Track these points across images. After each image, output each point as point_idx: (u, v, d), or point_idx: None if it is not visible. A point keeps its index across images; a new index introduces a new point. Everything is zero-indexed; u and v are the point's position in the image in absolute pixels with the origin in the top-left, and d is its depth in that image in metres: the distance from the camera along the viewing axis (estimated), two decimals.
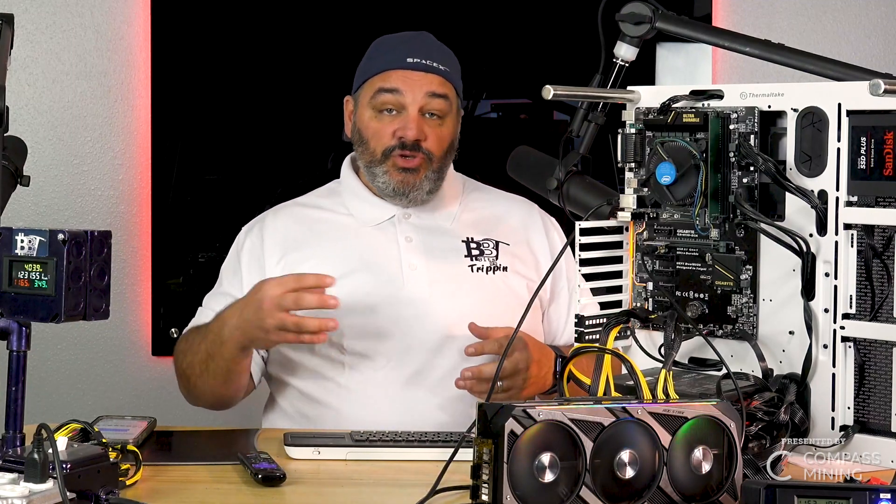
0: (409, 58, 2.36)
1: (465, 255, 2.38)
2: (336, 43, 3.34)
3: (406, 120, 2.34)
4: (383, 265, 2.36)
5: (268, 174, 3.37)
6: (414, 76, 2.35)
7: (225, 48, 3.37)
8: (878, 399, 1.67)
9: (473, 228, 2.43)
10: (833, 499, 1.47)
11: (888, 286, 1.65)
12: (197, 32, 3.35)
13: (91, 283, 1.56)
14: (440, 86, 2.36)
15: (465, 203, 2.47)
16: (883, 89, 1.56)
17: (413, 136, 2.33)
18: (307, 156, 3.37)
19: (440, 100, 2.35)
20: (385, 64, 2.37)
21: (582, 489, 1.49)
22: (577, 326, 1.79)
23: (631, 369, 1.58)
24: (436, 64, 2.37)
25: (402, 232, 2.39)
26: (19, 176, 1.95)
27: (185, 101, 3.34)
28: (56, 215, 3.31)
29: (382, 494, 1.78)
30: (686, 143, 1.74)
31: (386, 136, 2.35)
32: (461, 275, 2.36)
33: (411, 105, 2.34)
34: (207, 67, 3.37)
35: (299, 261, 2.36)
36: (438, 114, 2.36)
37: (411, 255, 2.37)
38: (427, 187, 2.37)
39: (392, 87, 2.35)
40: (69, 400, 3.32)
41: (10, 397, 1.58)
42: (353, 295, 2.29)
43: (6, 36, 1.84)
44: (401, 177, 2.35)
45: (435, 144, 2.35)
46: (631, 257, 1.87)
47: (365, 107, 2.38)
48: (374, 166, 2.38)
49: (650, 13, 1.97)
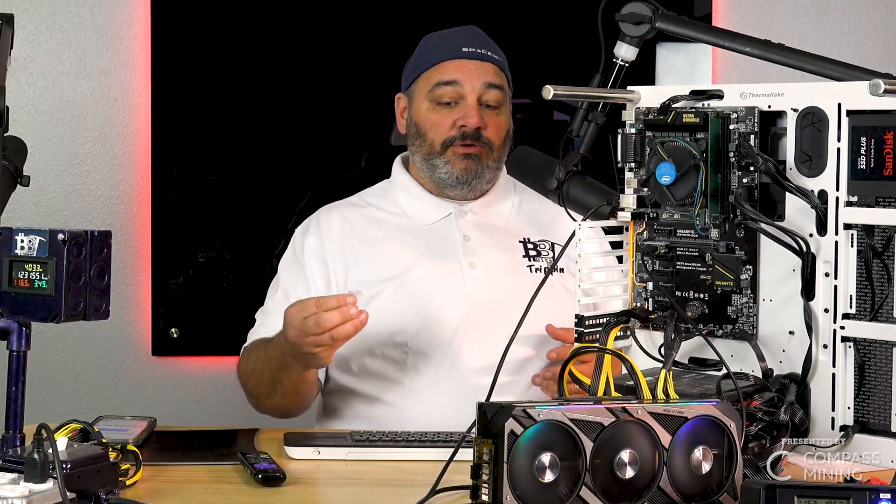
0: (465, 47, 2.38)
1: (522, 255, 2.38)
2: (336, 43, 3.34)
3: (466, 109, 2.35)
4: (444, 263, 2.35)
5: (268, 174, 3.37)
6: (470, 66, 2.36)
7: (225, 48, 3.37)
8: (878, 399, 1.67)
9: (529, 229, 2.43)
10: (833, 499, 1.47)
11: (888, 286, 1.65)
12: (197, 32, 3.35)
13: (91, 283, 1.56)
14: (496, 75, 2.38)
15: (518, 203, 2.47)
16: (883, 89, 1.56)
17: (475, 124, 2.34)
18: (307, 156, 3.37)
19: (496, 90, 2.37)
20: (440, 56, 2.38)
21: (582, 489, 1.49)
22: (577, 326, 1.79)
23: (631, 369, 1.58)
24: (490, 53, 2.39)
25: (461, 230, 2.39)
26: (19, 176, 1.95)
27: (185, 101, 3.34)
28: (56, 215, 3.31)
29: (382, 494, 1.78)
30: (686, 143, 1.74)
31: (445, 127, 2.36)
32: (521, 274, 2.36)
33: (470, 95, 2.35)
34: (207, 67, 3.36)
35: (356, 262, 2.36)
36: (495, 104, 2.37)
37: (471, 253, 2.36)
38: (488, 176, 2.38)
39: (450, 78, 2.36)
40: (69, 400, 3.32)
41: (10, 397, 1.58)
42: (415, 293, 2.29)
43: (6, 36, 1.84)
44: (464, 164, 2.35)
45: (494, 133, 2.37)
46: (631, 257, 1.87)
47: (422, 100, 2.39)
48: (433, 158, 2.37)
49: (650, 13, 1.97)
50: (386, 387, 2.32)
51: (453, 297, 2.32)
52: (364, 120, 3.30)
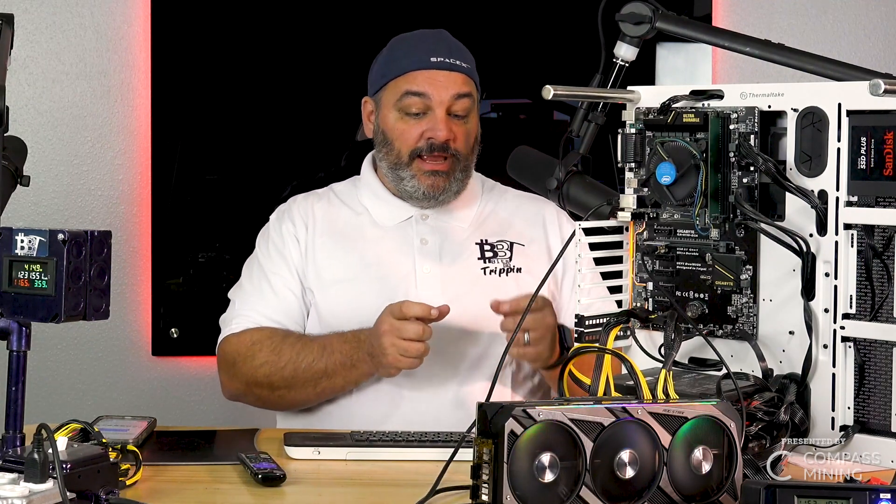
0: (433, 57, 2.34)
1: (478, 258, 2.37)
2: (336, 43, 3.34)
3: (434, 121, 2.32)
4: (395, 269, 2.35)
5: (268, 174, 3.37)
6: (439, 77, 2.34)
7: (225, 48, 3.37)
8: (878, 399, 1.67)
9: (489, 230, 2.41)
10: (833, 499, 1.47)
11: (888, 286, 1.65)
12: (197, 32, 3.35)
13: (91, 283, 1.55)
14: (464, 85, 2.35)
15: (483, 204, 2.46)
16: (883, 89, 1.56)
17: (443, 137, 2.32)
18: (308, 156, 3.37)
19: (465, 99, 2.35)
20: (409, 65, 2.35)
21: (582, 489, 1.49)
22: (577, 326, 1.79)
23: (631, 369, 1.58)
24: (458, 62, 2.36)
25: (419, 234, 2.38)
26: (19, 176, 1.95)
27: (185, 101, 3.35)
28: (56, 215, 3.31)
29: (382, 494, 1.78)
30: (686, 143, 1.74)
31: (413, 138, 2.34)
32: (474, 277, 2.36)
33: (438, 108, 2.32)
34: (207, 67, 3.37)
35: (315, 256, 2.37)
36: (463, 114, 2.35)
37: (425, 258, 2.36)
38: (455, 188, 2.37)
39: (419, 90, 2.33)
40: (69, 400, 3.32)
41: (10, 397, 1.58)
42: (361, 299, 2.30)
43: (6, 36, 1.84)
44: (430, 181, 2.34)
45: (463, 144, 2.35)
46: (631, 257, 1.87)
47: (390, 108, 2.36)
48: (399, 169, 2.36)
49: (650, 13, 1.97)
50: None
51: (403, 299, 2.32)
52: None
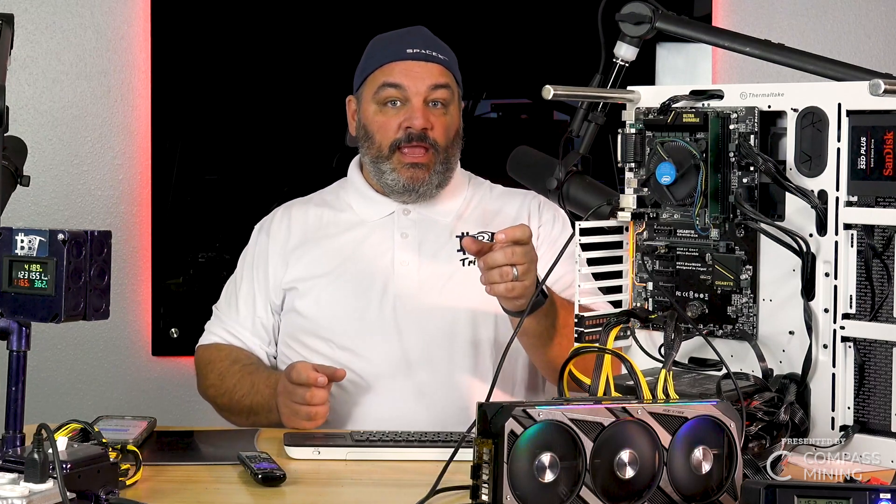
0: (409, 49, 2.38)
1: (458, 250, 2.39)
2: (335, 43, 3.34)
3: (411, 111, 2.35)
4: (374, 262, 2.37)
5: (268, 174, 3.37)
6: (415, 67, 2.37)
7: (225, 48, 3.37)
8: (878, 399, 1.67)
9: (470, 223, 2.43)
10: (833, 499, 1.47)
11: (888, 286, 1.65)
12: (197, 32, 3.35)
13: (91, 283, 1.55)
14: (441, 75, 2.38)
15: (468, 199, 2.48)
16: (883, 89, 1.56)
17: (420, 126, 2.34)
18: (308, 156, 3.37)
19: (443, 89, 2.38)
20: (385, 57, 2.39)
21: (582, 489, 1.49)
22: (578, 326, 1.79)
23: (631, 369, 1.58)
24: (435, 53, 2.39)
25: (400, 228, 2.41)
26: (19, 176, 1.95)
27: (185, 101, 3.34)
28: (56, 215, 3.31)
29: (382, 494, 1.78)
30: (686, 143, 1.74)
31: (392, 129, 2.37)
32: (452, 269, 2.38)
33: (415, 97, 2.36)
34: (207, 67, 3.37)
35: (297, 258, 2.41)
36: (442, 102, 2.37)
37: (404, 251, 2.38)
38: (436, 181, 2.38)
39: (395, 81, 2.36)
40: (69, 400, 3.32)
41: (10, 397, 1.58)
42: (339, 293, 2.33)
43: (6, 36, 1.84)
44: (410, 173, 2.36)
45: (441, 133, 2.37)
46: (631, 257, 1.87)
47: (369, 102, 2.40)
48: (381, 162, 2.39)
49: (650, 13, 1.97)
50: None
51: (381, 293, 2.35)
52: None
